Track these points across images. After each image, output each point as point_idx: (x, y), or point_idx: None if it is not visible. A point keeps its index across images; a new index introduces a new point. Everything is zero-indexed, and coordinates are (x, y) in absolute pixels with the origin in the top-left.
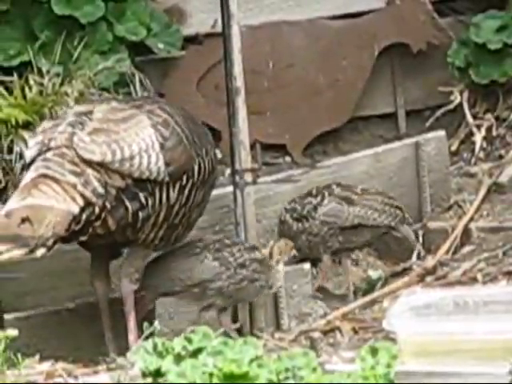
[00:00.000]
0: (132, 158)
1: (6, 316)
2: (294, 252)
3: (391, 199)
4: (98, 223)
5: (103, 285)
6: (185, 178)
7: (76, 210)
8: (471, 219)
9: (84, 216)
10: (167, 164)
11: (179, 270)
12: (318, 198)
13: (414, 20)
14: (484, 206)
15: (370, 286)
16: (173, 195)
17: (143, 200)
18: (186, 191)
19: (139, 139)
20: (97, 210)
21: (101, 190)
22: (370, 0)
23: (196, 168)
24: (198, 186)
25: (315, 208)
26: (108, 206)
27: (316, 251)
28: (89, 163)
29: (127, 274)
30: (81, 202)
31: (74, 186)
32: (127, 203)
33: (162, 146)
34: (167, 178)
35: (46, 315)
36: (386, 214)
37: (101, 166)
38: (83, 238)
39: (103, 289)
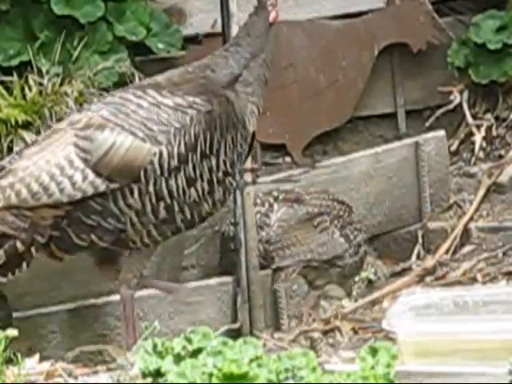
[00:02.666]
0: (46, 189)
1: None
2: None
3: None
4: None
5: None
6: (142, 174)
7: None
8: (471, 219)
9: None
10: (100, 174)
11: (315, 244)
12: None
13: (414, 20)
14: (484, 206)
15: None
16: (135, 198)
17: (97, 217)
18: (153, 186)
19: (50, 166)
20: (19, 244)
21: (21, 224)
22: (370, 0)
23: (156, 159)
24: (175, 174)
25: (267, 215)
26: (40, 238)
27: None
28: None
29: (125, 280)
30: None
31: None
32: (81, 224)
33: (85, 160)
34: (114, 185)
35: (46, 315)
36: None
37: (16, 208)
38: (24, 268)
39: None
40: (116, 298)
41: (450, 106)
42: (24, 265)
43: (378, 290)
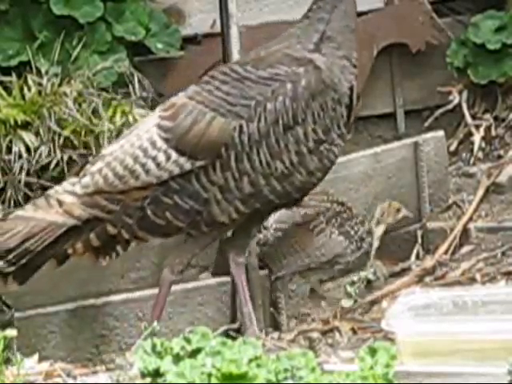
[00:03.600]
0: (131, 171)
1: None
2: (403, 213)
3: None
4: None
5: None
6: (223, 150)
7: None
8: (470, 219)
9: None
10: (183, 153)
11: (312, 248)
12: None
13: (413, 20)
14: (483, 206)
15: None
16: (218, 174)
17: (189, 192)
18: (234, 162)
19: (134, 149)
20: (110, 227)
21: (113, 207)
22: (369, 0)
23: (236, 134)
24: (257, 148)
25: None
26: (129, 220)
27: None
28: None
29: (171, 265)
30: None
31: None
32: (172, 204)
33: (166, 140)
34: (199, 163)
35: (46, 315)
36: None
37: (107, 192)
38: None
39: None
40: (115, 298)
41: (449, 106)
42: (119, 248)
43: (377, 290)
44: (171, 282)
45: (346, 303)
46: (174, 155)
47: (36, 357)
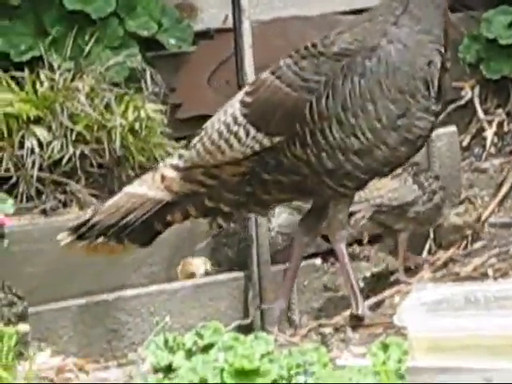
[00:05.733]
0: (218, 146)
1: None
2: None
3: None
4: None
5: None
6: (298, 126)
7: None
8: (490, 215)
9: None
10: (260, 129)
11: (387, 189)
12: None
13: None
14: (494, 201)
15: None
16: (298, 150)
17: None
18: (310, 138)
19: (219, 124)
20: (207, 201)
21: (211, 182)
22: None
23: (307, 111)
24: (329, 124)
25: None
26: (231, 195)
27: None
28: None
29: (302, 228)
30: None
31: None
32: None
33: (245, 115)
34: (277, 139)
35: (58, 310)
36: None
37: (202, 167)
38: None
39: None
40: (127, 293)
41: (462, 102)
42: (219, 219)
43: (389, 286)
44: (344, 241)
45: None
46: (252, 131)
47: (48, 352)
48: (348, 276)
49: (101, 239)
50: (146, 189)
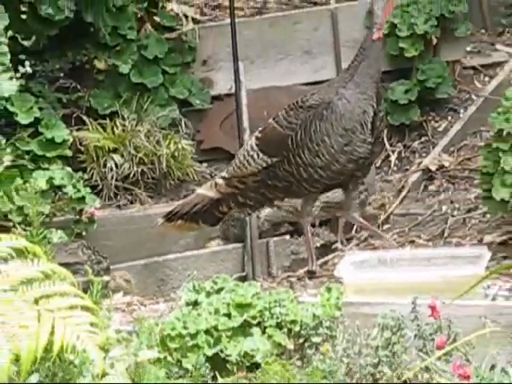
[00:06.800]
0: (242, 164)
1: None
2: None
3: None
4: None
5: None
6: (285, 152)
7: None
8: (394, 208)
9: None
10: (264, 153)
11: (331, 191)
12: None
13: None
14: (396, 200)
15: None
16: (287, 167)
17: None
18: (293, 159)
19: (243, 150)
20: (233, 204)
21: (241, 186)
22: (327, 73)
23: (290, 142)
24: (302, 150)
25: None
26: (251, 193)
27: None
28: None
29: (302, 213)
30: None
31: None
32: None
33: (257, 145)
34: (275, 159)
35: (128, 267)
36: None
37: (235, 177)
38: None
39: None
40: (170, 256)
41: None
42: (249, 209)
43: (332, 252)
44: (309, 222)
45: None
46: (260, 154)
47: (121, 293)
48: (308, 244)
49: (180, 221)
50: (206, 190)
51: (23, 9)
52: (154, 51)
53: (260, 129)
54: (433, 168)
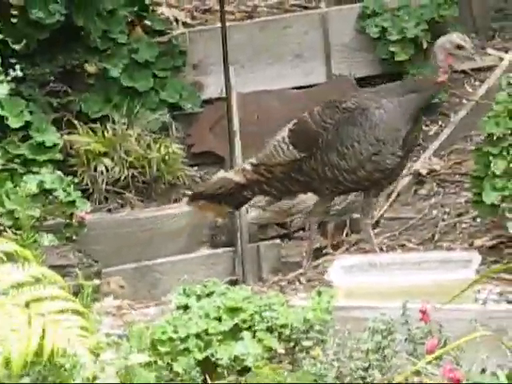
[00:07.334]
0: (272, 154)
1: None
2: None
3: None
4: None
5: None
6: (314, 149)
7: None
8: (384, 212)
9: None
10: (295, 146)
11: None
12: None
13: (345, 89)
14: (386, 205)
15: None
16: (313, 164)
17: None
18: (320, 156)
19: (274, 140)
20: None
21: (266, 174)
22: (318, 77)
23: (320, 140)
24: (330, 150)
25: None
26: (276, 183)
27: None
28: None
29: (313, 213)
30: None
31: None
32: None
33: (289, 137)
34: (303, 154)
35: (118, 271)
36: None
37: (263, 164)
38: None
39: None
40: (160, 260)
41: None
42: (272, 198)
43: (322, 256)
44: (316, 222)
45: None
46: (290, 147)
47: (111, 297)
48: (309, 244)
49: (203, 202)
50: (233, 174)
51: (13, 12)
52: (145, 55)
53: (294, 121)
54: (423, 172)
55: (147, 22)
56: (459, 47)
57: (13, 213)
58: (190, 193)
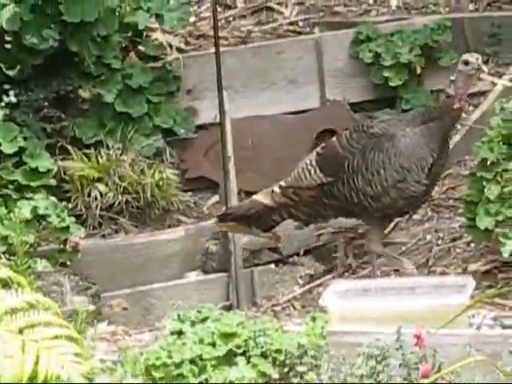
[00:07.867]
0: (299, 177)
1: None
2: None
3: None
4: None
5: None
6: (341, 173)
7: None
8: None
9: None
10: (321, 170)
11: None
12: None
13: (339, 115)
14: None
15: None
16: (340, 188)
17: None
18: (347, 182)
19: (303, 163)
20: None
21: (294, 197)
22: (312, 102)
23: (346, 164)
24: (357, 175)
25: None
26: (303, 207)
27: None
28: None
29: (371, 242)
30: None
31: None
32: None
33: (316, 162)
34: (329, 179)
35: (112, 296)
36: None
37: (291, 187)
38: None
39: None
40: (154, 286)
41: None
42: (301, 222)
43: (316, 281)
44: (378, 253)
45: (298, 289)
46: (317, 171)
47: (106, 322)
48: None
49: (232, 223)
50: (262, 197)
51: (7, 38)
52: (139, 80)
53: (322, 145)
54: None
55: (141, 48)
56: (466, 63)
57: (6, 238)
58: (219, 213)
